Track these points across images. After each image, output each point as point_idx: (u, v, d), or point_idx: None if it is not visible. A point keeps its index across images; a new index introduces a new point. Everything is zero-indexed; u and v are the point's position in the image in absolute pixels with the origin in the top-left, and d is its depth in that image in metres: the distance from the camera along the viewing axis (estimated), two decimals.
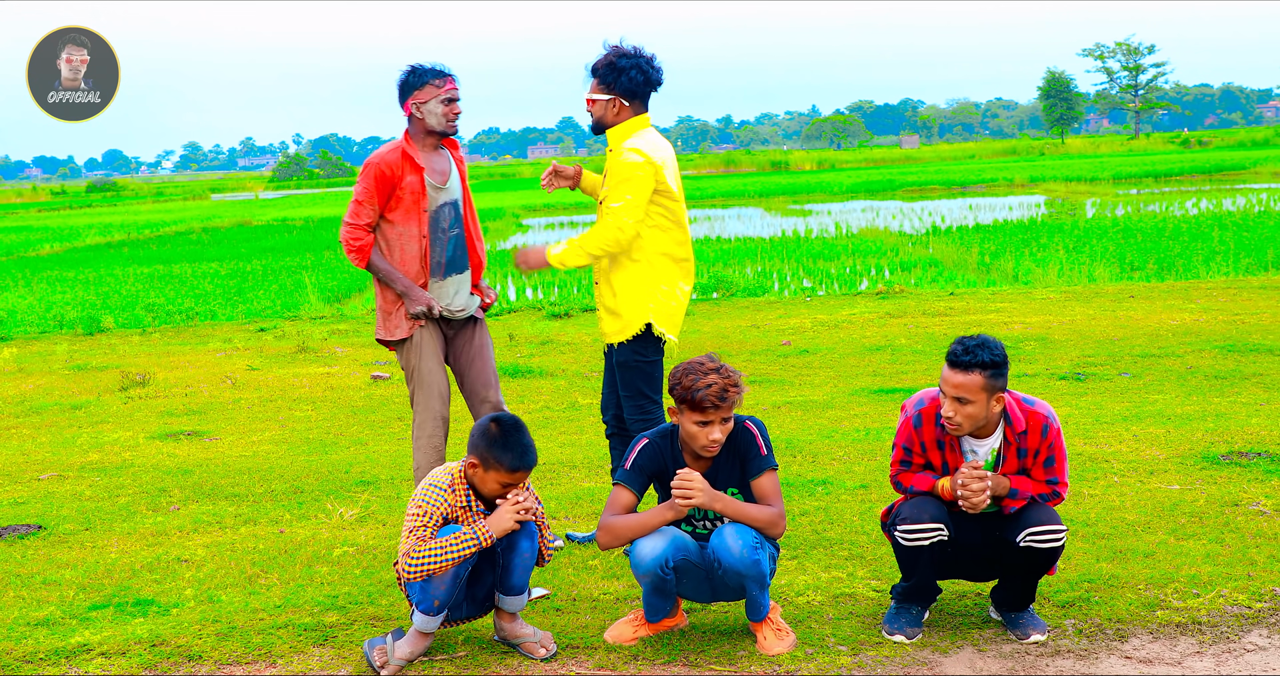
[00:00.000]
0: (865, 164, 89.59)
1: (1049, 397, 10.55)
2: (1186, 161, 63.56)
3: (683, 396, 5.22)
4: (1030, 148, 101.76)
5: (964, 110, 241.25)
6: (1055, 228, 27.94)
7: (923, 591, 5.50)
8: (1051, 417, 5.37)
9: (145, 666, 5.43)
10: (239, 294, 22.85)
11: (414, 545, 5.20)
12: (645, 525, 5.27)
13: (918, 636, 5.41)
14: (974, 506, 5.25)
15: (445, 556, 5.16)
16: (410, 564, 5.18)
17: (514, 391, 12.30)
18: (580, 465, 8.87)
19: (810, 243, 28.05)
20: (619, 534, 5.30)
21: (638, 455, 5.42)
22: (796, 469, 8.42)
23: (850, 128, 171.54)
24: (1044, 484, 5.39)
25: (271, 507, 8.08)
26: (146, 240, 41.81)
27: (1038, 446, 5.36)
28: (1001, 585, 5.49)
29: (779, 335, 15.29)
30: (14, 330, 19.28)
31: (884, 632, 5.43)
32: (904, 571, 5.49)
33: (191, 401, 12.66)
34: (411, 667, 5.32)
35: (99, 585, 6.58)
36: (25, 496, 8.70)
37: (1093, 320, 15.04)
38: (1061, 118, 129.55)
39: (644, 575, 5.27)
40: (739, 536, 5.21)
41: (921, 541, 5.30)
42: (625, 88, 6.60)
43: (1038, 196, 44.42)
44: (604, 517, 5.35)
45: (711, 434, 5.25)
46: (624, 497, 5.36)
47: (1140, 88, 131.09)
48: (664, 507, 5.29)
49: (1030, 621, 5.44)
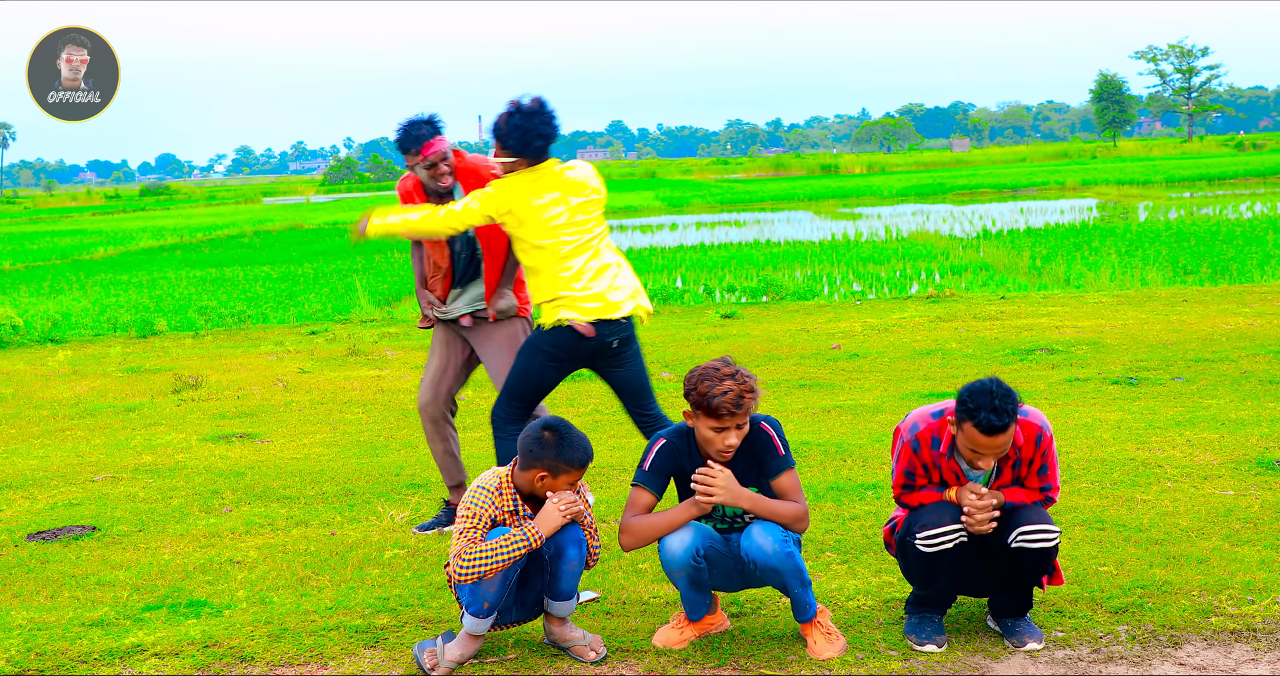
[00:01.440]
0: (915, 167, 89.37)
1: (1101, 402, 10.50)
2: (1241, 164, 63.07)
3: (698, 402, 5.21)
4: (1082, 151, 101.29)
5: (1015, 113, 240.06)
6: (1107, 231, 27.77)
7: (941, 600, 5.47)
8: (1044, 426, 5.34)
9: (198, 667, 5.47)
10: (290, 297, 22.98)
11: (465, 547, 5.22)
12: (669, 523, 5.29)
13: (945, 645, 5.38)
14: (982, 531, 5.25)
15: (496, 558, 5.18)
16: (462, 565, 5.21)
17: (563, 394, 12.30)
18: (630, 468, 8.87)
19: (860, 246, 27.98)
20: (642, 534, 5.32)
21: (655, 456, 5.42)
22: (847, 473, 8.40)
23: (900, 131, 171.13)
24: (1037, 492, 5.38)
25: (323, 510, 8.12)
26: (199, 244, 42.11)
27: (1031, 456, 5.34)
28: (999, 590, 5.45)
29: (829, 339, 15.25)
30: (69, 333, 19.45)
31: (912, 644, 5.39)
32: (921, 581, 5.44)
33: (243, 404, 12.73)
34: (462, 670, 5.34)
35: (152, 586, 6.63)
36: (80, 498, 8.78)
37: (1145, 324, 14.93)
38: (1114, 120, 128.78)
39: (678, 570, 5.29)
40: (767, 533, 5.24)
41: (946, 544, 5.27)
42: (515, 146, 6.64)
43: (1090, 200, 44.17)
44: (625, 519, 5.36)
45: (728, 439, 5.25)
46: (644, 499, 5.37)
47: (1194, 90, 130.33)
48: (687, 505, 5.32)
49: (1026, 629, 5.40)
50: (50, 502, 8.70)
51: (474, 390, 12.76)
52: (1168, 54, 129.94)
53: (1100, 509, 7.17)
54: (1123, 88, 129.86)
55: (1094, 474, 7.96)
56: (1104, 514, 7.06)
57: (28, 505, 8.69)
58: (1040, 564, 5.27)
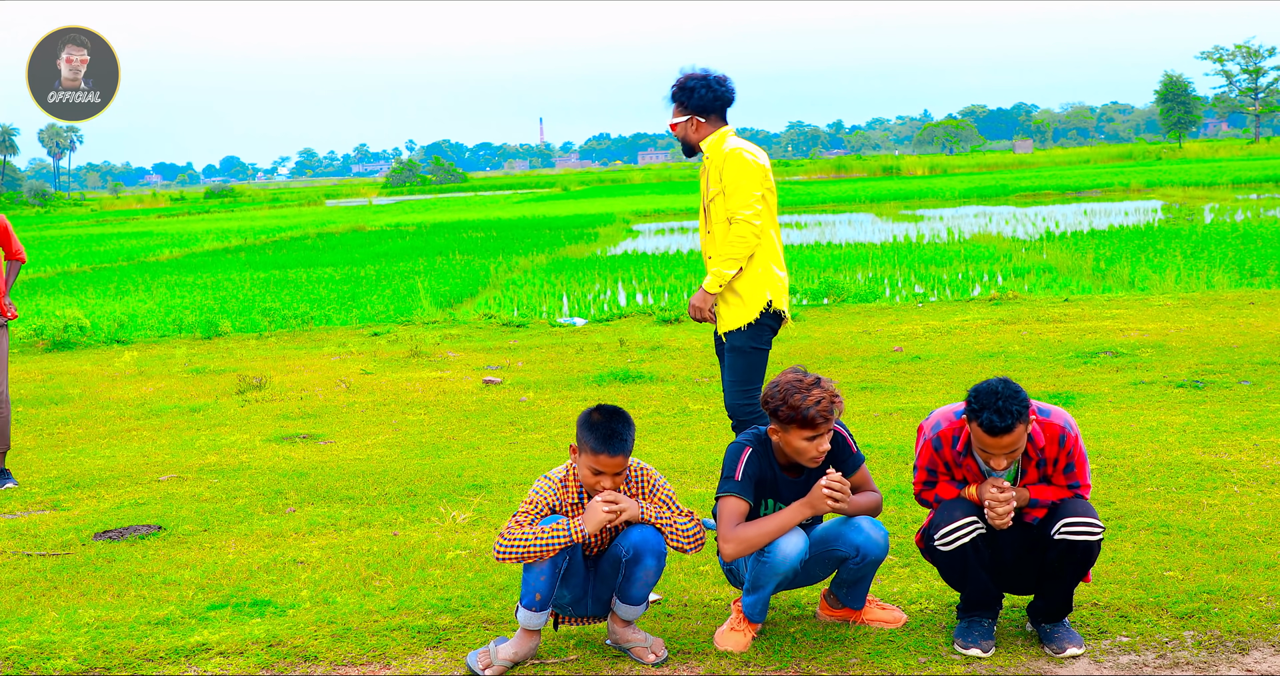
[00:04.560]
0: (977, 169, 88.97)
1: (1166, 406, 10.40)
2: None
3: (791, 416, 5.23)
4: (1147, 152, 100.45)
5: (1079, 114, 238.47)
6: (1173, 233, 27.54)
7: (985, 601, 5.43)
8: (1068, 426, 5.31)
9: (262, 666, 5.50)
10: (353, 299, 23.11)
11: (509, 527, 5.28)
12: (782, 527, 5.31)
13: (992, 650, 5.35)
14: (1001, 525, 5.25)
15: (534, 544, 5.21)
16: (501, 546, 5.26)
17: (624, 396, 12.32)
18: (691, 470, 8.87)
19: (922, 248, 27.87)
20: (751, 542, 5.31)
21: (746, 464, 5.42)
22: (909, 476, 8.35)
23: (962, 132, 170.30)
24: (1065, 489, 5.35)
25: (385, 510, 8.16)
26: (263, 245, 42.41)
27: (1056, 455, 5.31)
28: (1038, 591, 5.42)
29: (890, 341, 15.20)
30: (134, 334, 19.64)
31: (957, 648, 5.36)
32: (956, 583, 5.44)
33: (306, 405, 12.82)
34: (522, 670, 5.35)
35: (217, 585, 6.68)
36: (145, 497, 8.86)
37: (1211, 327, 14.79)
38: (1179, 121, 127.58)
39: (782, 573, 5.33)
40: (878, 527, 5.43)
41: (962, 539, 5.26)
42: (697, 104, 7.14)
43: (1154, 201, 43.81)
44: (727, 530, 5.33)
45: (820, 446, 5.31)
46: (740, 507, 5.37)
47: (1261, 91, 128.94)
48: (798, 508, 5.32)
49: (1066, 635, 5.34)
50: (117, 502, 8.79)
51: (535, 392, 12.81)
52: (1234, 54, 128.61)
53: (1166, 513, 7.11)
54: (1188, 88, 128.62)
55: (1159, 478, 7.89)
56: (1170, 518, 7.00)
57: (94, 504, 8.78)
58: (1083, 560, 5.23)
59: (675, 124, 7.22)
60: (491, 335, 17.86)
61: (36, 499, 9.01)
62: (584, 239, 36.59)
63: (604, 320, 19.07)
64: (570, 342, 16.51)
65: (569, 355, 15.50)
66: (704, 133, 7.17)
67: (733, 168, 6.98)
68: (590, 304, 21.70)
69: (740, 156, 6.98)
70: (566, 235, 38.02)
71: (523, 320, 19.22)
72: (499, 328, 18.62)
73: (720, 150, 7.06)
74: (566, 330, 18.06)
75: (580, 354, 15.55)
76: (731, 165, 6.98)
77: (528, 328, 18.49)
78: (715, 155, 7.09)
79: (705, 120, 7.15)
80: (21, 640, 5.86)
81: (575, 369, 14.33)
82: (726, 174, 6.99)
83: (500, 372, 14.22)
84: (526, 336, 17.53)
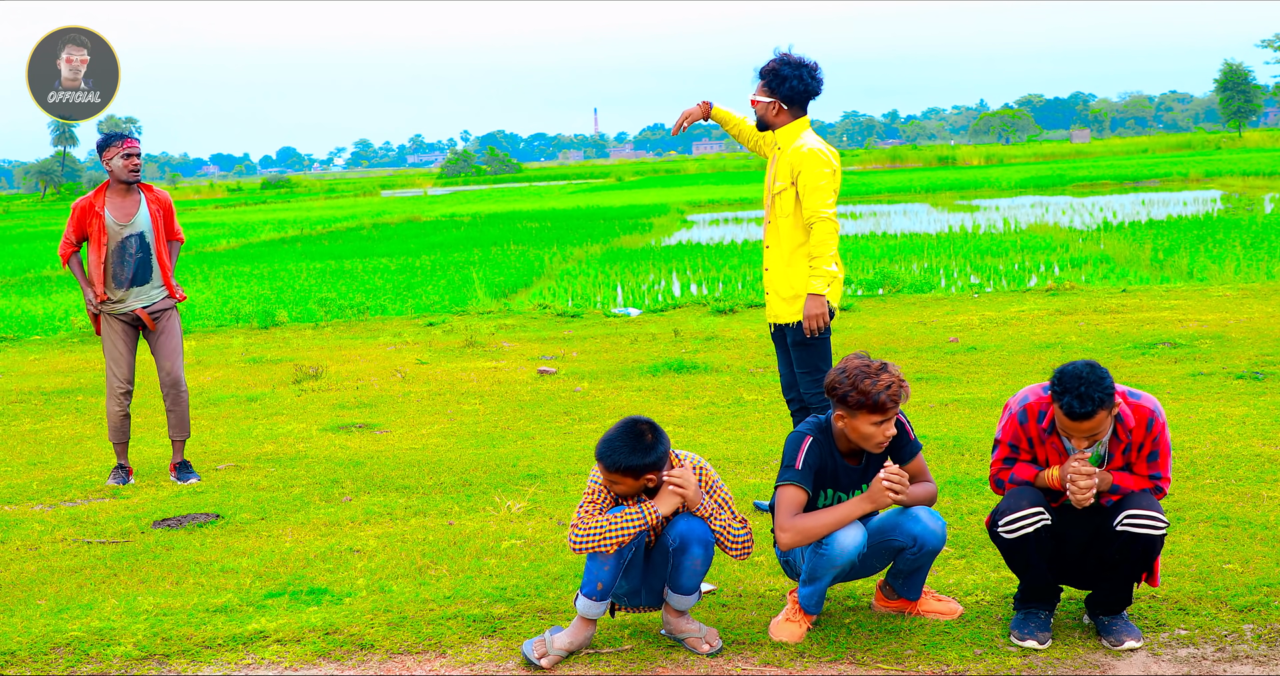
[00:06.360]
0: (1034, 159, 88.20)
1: (1226, 397, 10.31)
2: None
3: (860, 401, 5.24)
4: (1206, 141, 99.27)
5: (1137, 103, 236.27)
6: (1232, 223, 27.27)
7: (1044, 592, 5.41)
8: (1157, 411, 5.29)
9: (319, 654, 5.55)
10: (408, 289, 23.18)
11: (581, 517, 5.30)
12: (841, 520, 5.32)
13: (1049, 642, 5.32)
14: (1081, 501, 5.21)
15: (610, 531, 5.22)
16: (576, 537, 5.27)
17: (679, 387, 12.32)
18: (746, 461, 8.87)
19: (978, 238, 27.69)
20: (811, 532, 5.32)
21: (807, 454, 5.42)
22: (965, 467, 8.33)
23: (1019, 122, 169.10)
24: (1146, 479, 5.32)
25: (440, 500, 8.20)
26: (319, 236, 42.61)
27: (1141, 440, 5.29)
28: (1098, 584, 5.38)
29: (946, 332, 15.13)
30: (192, 323, 19.78)
31: (1013, 639, 5.34)
32: (1018, 571, 5.43)
33: (362, 394, 12.88)
34: (577, 659, 5.37)
35: (274, 573, 6.73)
36: (204, 486, 8.94)
37: (1272, 318, 14.65)
38: (1239, 111, 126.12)
39: (840, 566, 5.35)
40: (935, 517, 5.45)
41: (1026, 529, 5.25)
42: (786, 94, 7.20)
43: (1214, 191, 43.37)
44: (785, 519, 5.35)
45: (887, 430, 5.32)
46: (800, 497, 5.37)
47: None
48: (862, 500, 5.34)
49: (1124, 628, 5.31)
50: (175, 490, 8.87)
51: (590, 382, 12.82)
52: None
53: (1225, 505, 7.05)
54: (1248, 77, 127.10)
55: (1218, 470, 7.83)
56: (1229, 510, 6.94)
57: (154, 492, 8.86)
58: (1144, 554, 5.20)
59: (758, 102, 7.27)
60: (546, 325, 17.88)
61: (96, 487, 9.10)
62: (638, 229, 36.56)
63: (658, 310, 19.06)
64: (625, 333, 16.52)
65: (623, 345, 15.51)
66: (784, 120, 7.25)
67: (811, 170, 7.05)
68: (645, 294, 21.68)
69: (818, 158, 7.05)
70: (621, 225, 37.99)
71: (577, 310, 19.22)
72: (553, 318, 18.64)
73: (798, 147, 7.12)
74: (621, 320, 18.06)
75: (635, 344, 15.55)
76: (810, 167, 7.05)
77: (582, 318, 18.50)
78: (791, 150, 7.14)
79: (788, 109, 7.23)
80: (82, 626, 5.93)
81: (630, 359, 14.33)
82: (803, 175, 7.05)
83: (555, 363, 14.25)
84: (581, 327, 17.55)
